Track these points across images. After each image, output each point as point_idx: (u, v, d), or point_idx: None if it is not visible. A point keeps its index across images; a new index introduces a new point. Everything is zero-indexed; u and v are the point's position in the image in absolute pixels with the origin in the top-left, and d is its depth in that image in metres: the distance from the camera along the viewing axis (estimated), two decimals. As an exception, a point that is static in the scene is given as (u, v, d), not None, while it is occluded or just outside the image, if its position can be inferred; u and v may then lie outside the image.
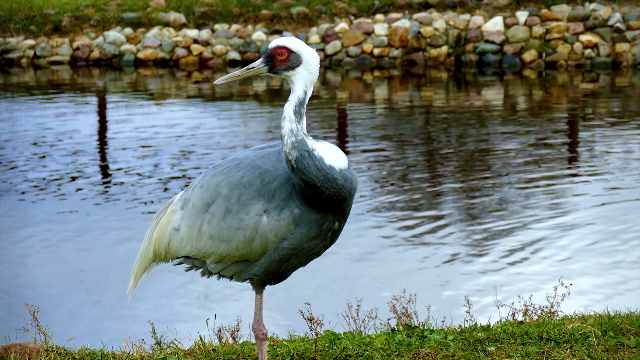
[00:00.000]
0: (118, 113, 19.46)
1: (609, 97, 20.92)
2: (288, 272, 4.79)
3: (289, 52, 4.63)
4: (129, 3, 27.24)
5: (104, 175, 13.87)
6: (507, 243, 10.45)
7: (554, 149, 15.26)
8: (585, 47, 24.26)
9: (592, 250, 10.17)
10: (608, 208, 11.70)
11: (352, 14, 25.80)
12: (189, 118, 18.59)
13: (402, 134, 16.78)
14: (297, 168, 4.51)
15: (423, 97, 21.41)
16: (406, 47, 24.89)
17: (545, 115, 18.64)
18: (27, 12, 26.60)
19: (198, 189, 4.80)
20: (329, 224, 4.67)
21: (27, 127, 17.42)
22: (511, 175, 13.46)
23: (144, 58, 25.58)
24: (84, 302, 8.99)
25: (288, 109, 4.57)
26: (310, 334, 6.05)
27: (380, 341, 5.73)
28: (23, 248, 10.56)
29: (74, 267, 9.96)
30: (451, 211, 11.73)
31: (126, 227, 11.23)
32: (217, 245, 4.74)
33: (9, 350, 5.56)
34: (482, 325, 6.14)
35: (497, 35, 24.54)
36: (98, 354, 5.66)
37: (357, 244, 10.46)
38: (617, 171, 13.51)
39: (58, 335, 5.88)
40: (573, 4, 25.14)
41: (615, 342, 5.57)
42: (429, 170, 14.02)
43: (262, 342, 4.86)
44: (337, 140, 16.20)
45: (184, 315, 8.66)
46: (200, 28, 25.96)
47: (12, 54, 25.91)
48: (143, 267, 5.06)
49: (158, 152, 15.19)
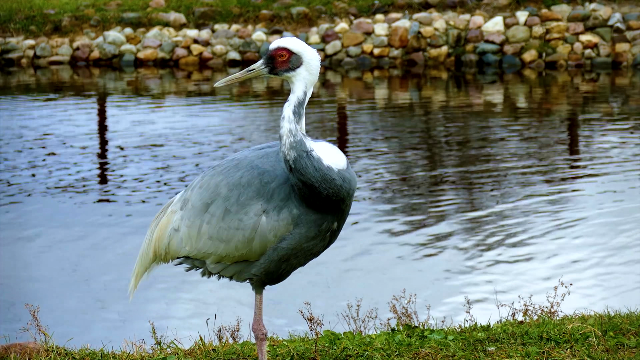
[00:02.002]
0: (118, 113, 19.46)
1: (609, 97, 20.91)
2: (287, 272, 4.79)
3: (289, 54, 4.62)
4: (129, 3, 27.23)
5: (104, 175, 13.87)
6: (507, 243, 10.45)
7: (554, 148, 15.26)
8: (585, 47, 24.26)
9: (593, 250, 10.17)
10: (608, 208, 11.70)
11: (352, 14, 25.80)
12: (189, 118, 18.59)
13: (401, 134, 16.78)
14: (295, 168, 4.51)
15: (423, 97, 21.41)
16: (406, 47, 24.89)
17: (545, 115, 18.64)
18: (27, 12, 26.60)
19: (197, 189, 4.80)
20: (327, 224, 4.67)
21: (27, 127, 17.42)
22: (511, 175, 13.46)
23: (144, 58, 25.58)
24: (85, 302, 8.99)
25: (287, 109, 4.57)
26: (310, 334, 6.05)
27: (380, 341, 5.73)
28: (23, 248, 10.56)
29: (74, 267, 9.96)
30: (451, 211, 11.73)
31: (126, 227, 11.23)
32: (217, 246, 4.74)
33: (9, 350, 5.56)
34: (482, 325, 6.14)
35: (497, 35, 24.54)
36: (98, 354, 5.66)
37: (357, 244, 10.46)
38: (617, 171, 13.51)
39: (58, 335, 5.88)
40: (573, 4, 25.13)
41: (615, 342, 5.57)
42: (429, 170, 14.02)
43: (262, 342, 4.86)
44: (337, 140, 16.20)
45: (184, 315, 8.66)
46: (200, 28, 25.96)
47: (12, 54, 25.90)
48: (143, 267, 5.07)
49: (158, 152, 15.19)
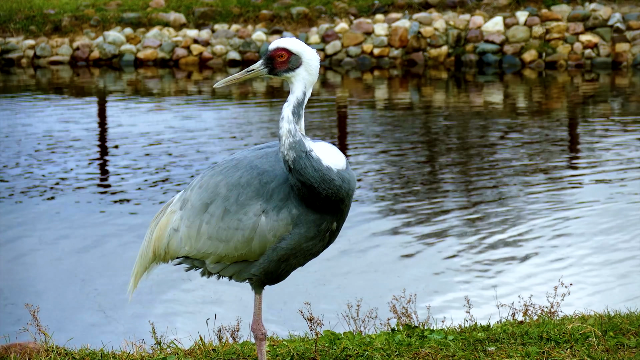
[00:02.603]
0: (118, 113, 19.46)
1: (609, 97, 20.91)
2: (287, 272, 4.79)
3: (289, 54, 4.62)
4: (129, 3, 27.23)
5: (104, 175, 13.87)
6: (507, 243, 10.45)
7: (554, 148, 15.26)
8: (585, 47, 24.26)
9: (593, 250, 10.17)
10: (608, 207, 11.70)
11: (352, 14, 25.80)
12: (189, 118, 18.59)
13: (401, 134, 16.78)
14: (294, 169, 4.51)
15: (423, 97, 21.41)
16: (406, 47, 24.88)
17: (545, 115, 18.64)
18: (27, 12, 26.60)
19: (197, 189, 4.80)
20: (327, 225, 4.67)
21: (27, 127, 17.42)
22: (511, 175, 13.46)
23: (144, 58, 25.58)
24: (84, 302, 8.99)
25: (286, 110, 4.56)
26: (310, 334, 6.05)
27: (380, 341, 5.72)
28: (23, 248, 10.56)
29: (74, 267, 9.96)
30: (451, 211, 11.72)
31: (126, 227, 11.23)
32: (216, 246, 4.74)
33: (9, 350, 5.56)
34: (482, 325, 6.14)
35: (497, 35, 24.54)
36: (98, 354, 5.66)
37: (357, 244, 10.46)
38: (617, 171, 13.51)
39: (58, 335, 5.88)
40: (573, 4, 25.13)
41: (615, 342, 5.57)
42: (429, 170, 14.02)
43: (261, 342, 4.86)
44: (337, 140, 16.20)
45: (184, 316, 8.66)
46: (200, 28, 25.96)
47: (12, 54, 25.91)
48: (143, 267, 5.07)
49: (158, 151, 15.19)
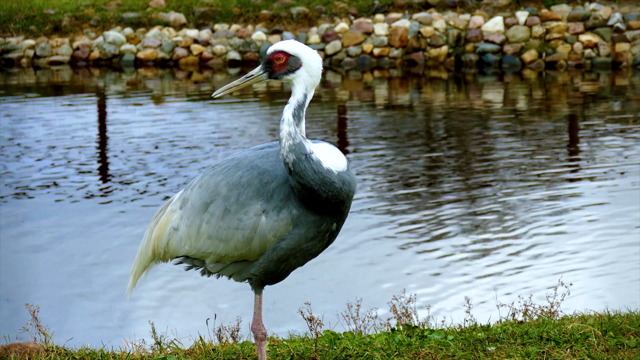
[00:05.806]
0: (118, 113, 19.46)
1: (609, 97, 20.91)
2: (286, 272, 4.79)
3: (286, 56, 4.62)
4: (129, 3, 27.23)
5: (104, 175, 13.87)
6: (507, 243, 10.45)
7: (554, 149, 15.26)
8: (585, 47, 24.25)
9: (592, 250, 10.17)
10: (608, 208, 11.71)
11: (352, 14, 25.80)
12: (189, 118, 18.59)
13: (402, 134, 16.78)
14: (294, 171, 4.51)
15: (423, 97, 21.40)
16: (406, 47, 24.88)
17: (545, 115, 18.64)
18: (27, 12, 26.59)
19: (197, 189, 4.80)
20: (327, 225, 4.67)
21: (27, 126, 17.42)
22: (511, 175, 13.46)
23: (144, 58, 25.57)
24: (84, 302, 8.99)
25: (287, 112, 4.56)
26: (310, 334, 6.05)
27: (380, 341, 5.72)
28: (23, 247, 10.56)
29: (74, 267, 9.96)
30: (451, 211, 11.73)
31: (126, 227, 11.23)
32: (216, 245, 4.74)
33: (9, 350, 5.56)
34: (482, 325, 6.14)
35: (497, 35, 24.53)
36: (98, 354, 5.66)
37: (357, 244, 10.46)
38: (617, 171, 13.51)
39: (58, 335, 5.88)
40: (573, 4, 25.13)
41: (615, 342, 5.57)
42: (429, 170, 14.02)
43: (261, 342, 4.86)
44: (337, 140, 16.20)
45: (184, 315, 8.66)
46: (200, 28, 25.96)
47: (12, 54, 25.89)
48: (142, 266, 5.06)
49: (158, 151, 15.19)
